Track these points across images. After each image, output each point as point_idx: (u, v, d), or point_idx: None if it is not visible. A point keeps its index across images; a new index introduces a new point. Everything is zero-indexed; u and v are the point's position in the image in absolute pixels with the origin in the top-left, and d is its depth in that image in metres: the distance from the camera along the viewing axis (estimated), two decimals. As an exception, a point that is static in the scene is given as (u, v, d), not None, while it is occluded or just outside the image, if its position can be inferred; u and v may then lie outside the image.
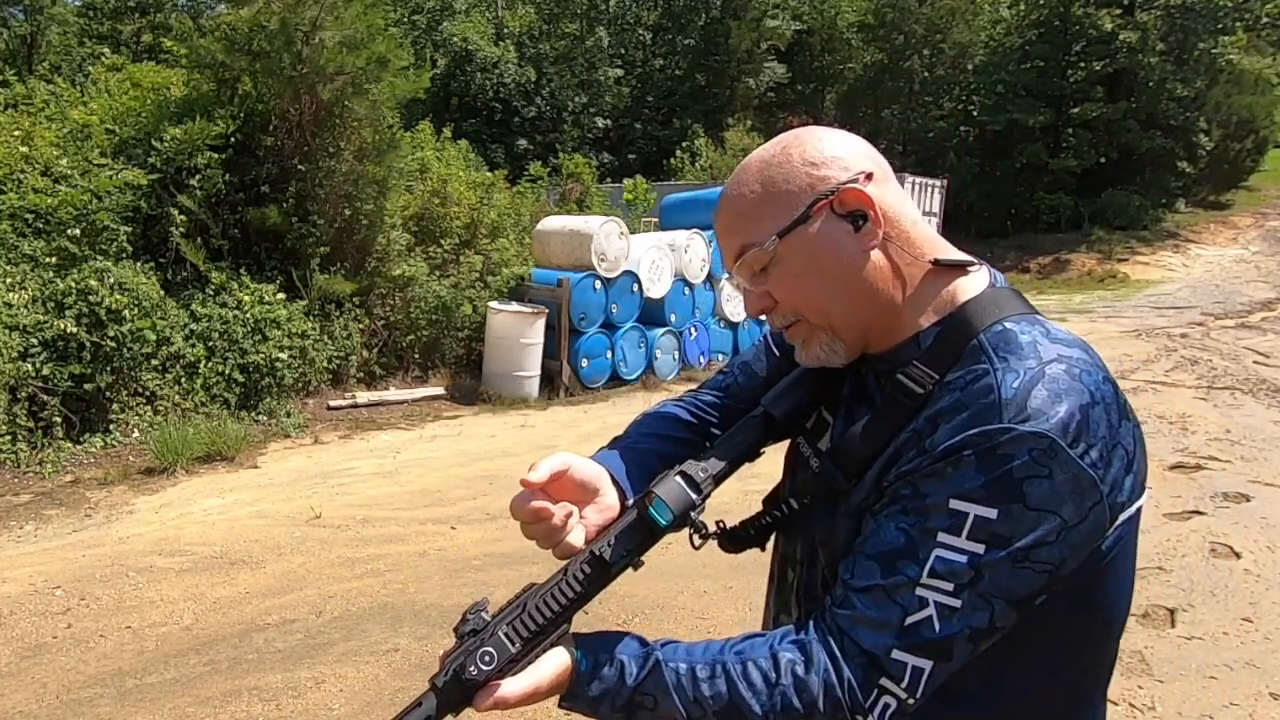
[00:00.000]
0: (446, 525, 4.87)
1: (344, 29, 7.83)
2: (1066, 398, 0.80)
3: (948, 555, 0.79)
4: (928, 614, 0.79)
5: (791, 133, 0.97)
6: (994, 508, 0.78)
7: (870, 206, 0.90)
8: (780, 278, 0.93)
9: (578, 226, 8.89)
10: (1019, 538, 0.78)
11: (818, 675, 0.81)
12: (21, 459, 5.77)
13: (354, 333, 8.10)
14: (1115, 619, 0.92)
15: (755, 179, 0.93)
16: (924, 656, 0.80)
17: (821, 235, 0.90)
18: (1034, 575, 0.79)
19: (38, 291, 6.18)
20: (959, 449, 0.80)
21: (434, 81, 20.68)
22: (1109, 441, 0.81)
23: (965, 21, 26.06)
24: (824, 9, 30.01)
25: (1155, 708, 2.99)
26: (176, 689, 3.15)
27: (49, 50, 24.99)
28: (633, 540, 0.92)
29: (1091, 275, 19.29)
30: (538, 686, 0.85)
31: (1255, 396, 7.80)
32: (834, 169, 0.91)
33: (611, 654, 0.88)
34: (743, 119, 24.20)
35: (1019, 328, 0.87)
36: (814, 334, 0.94)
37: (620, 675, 0.86)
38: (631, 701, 0.85)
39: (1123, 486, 0.83)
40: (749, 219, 0.93)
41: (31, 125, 7.36)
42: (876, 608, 0.81)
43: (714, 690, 0.83)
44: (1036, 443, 0.78)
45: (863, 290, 0.91)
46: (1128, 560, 0.90)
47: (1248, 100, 24.29)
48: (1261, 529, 4.62)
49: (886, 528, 0.84)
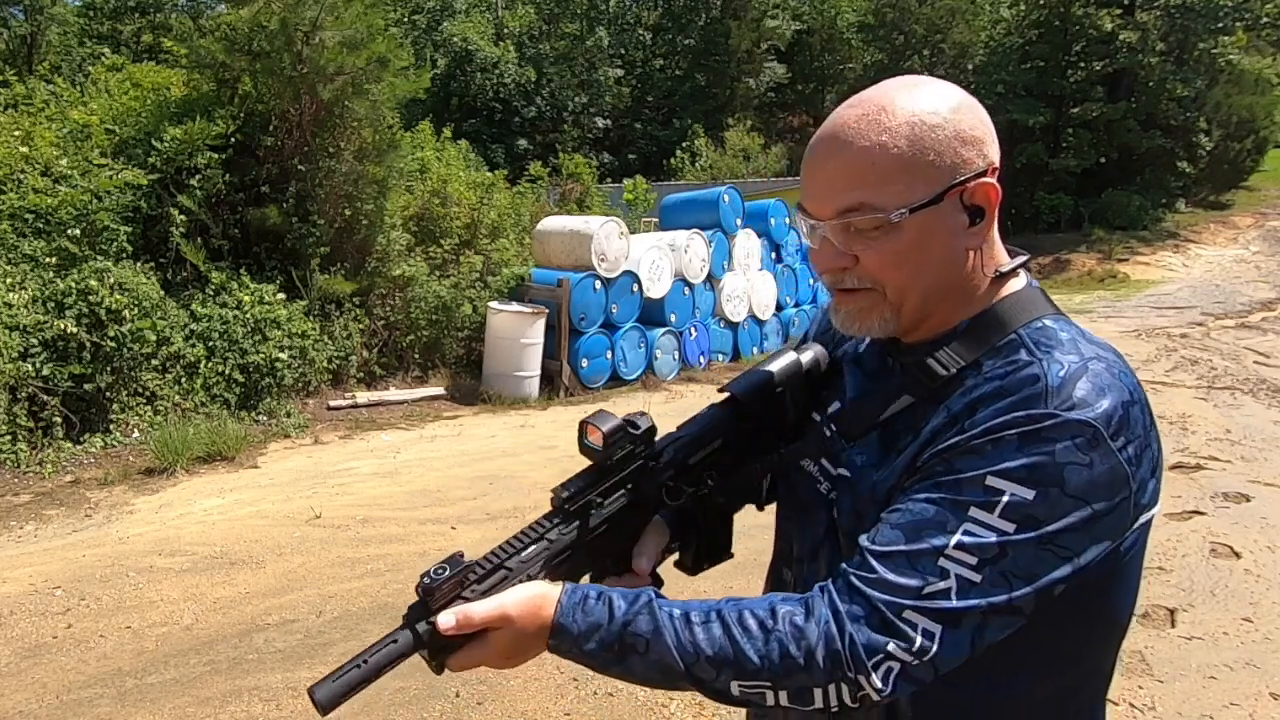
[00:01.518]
0: (446, 525, 4.87)
1: (344, 29, 7.83)
2: (1110, 392, 0.80)
3: (977, 530, 0.78)
4: (948, 585, 0.77)
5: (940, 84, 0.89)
6: (1032, 489, 0.77)
7: (993, 207, 0.88)
8: (884, 249, 0.86)
9: (578, 226, 8.89)
10: (1050, 522, 0.77)
11: (817, 625, 0.78)
12: (21, 459, 5.77)
13: (354, 333, 8.10)
14: (1119, 624, 0.92)
15: (904, 135, 0.84)
16: (936, 621, 0.77)
17: (944, 222, 0.86)
18: (1055, 560, 0.78)
19: (38, 291, 6.18)
20: (1002, 428, 0.80)
21: (434, 81, 20.69)
22: (1143, 442, 0.81)
23: (965, 21, 26.07)
24: (824, 9, 30.04)
25: (1155, 708, 2.98)
26: (176, 689, 3.15)
27: (49, 50, 25.00)
28: (581, 477, 0.97)
29: (1091, 275, 19.29)
30: (503, 608, 0.84)
31: (1255, 396, 7.80)
32: (977, 152, 0.87)
33: (600, 590, 0.86)
34: (743, 119, 24.21)
35: (1059, 325, 0.88)
36: (879, 307, 0.91)
37: (609, 610, 0.83)
38: (621, 641, 0.82)
39: (1147, 488, 0.83)
40: (882, 178, 0.84)
41: (31, 125, 7.36)
42: (896, 571, 0.79)
43: (708, 634, 0.81)
44: (1081, 430, 0.78)
45: (950, 285, 0.90)
46: (1137, 567, 0.90)
47: (1248, 100, 24.30)
48: (1261, 529, 4.62)
49: (915, 499, 0.82)
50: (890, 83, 0.89)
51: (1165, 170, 24.25)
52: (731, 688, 0.80)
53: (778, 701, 0.79)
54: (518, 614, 0.84)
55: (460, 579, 0.87)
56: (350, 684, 0.83)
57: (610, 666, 0.84)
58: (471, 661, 0.86)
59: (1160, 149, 23.52)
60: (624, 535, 1.01)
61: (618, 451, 0.97)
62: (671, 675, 0.81)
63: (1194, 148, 24.01)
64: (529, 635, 0.85)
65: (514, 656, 0.87)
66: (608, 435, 0.96)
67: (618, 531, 1.00)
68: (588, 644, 0.83)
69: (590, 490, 0.97)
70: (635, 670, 0.83)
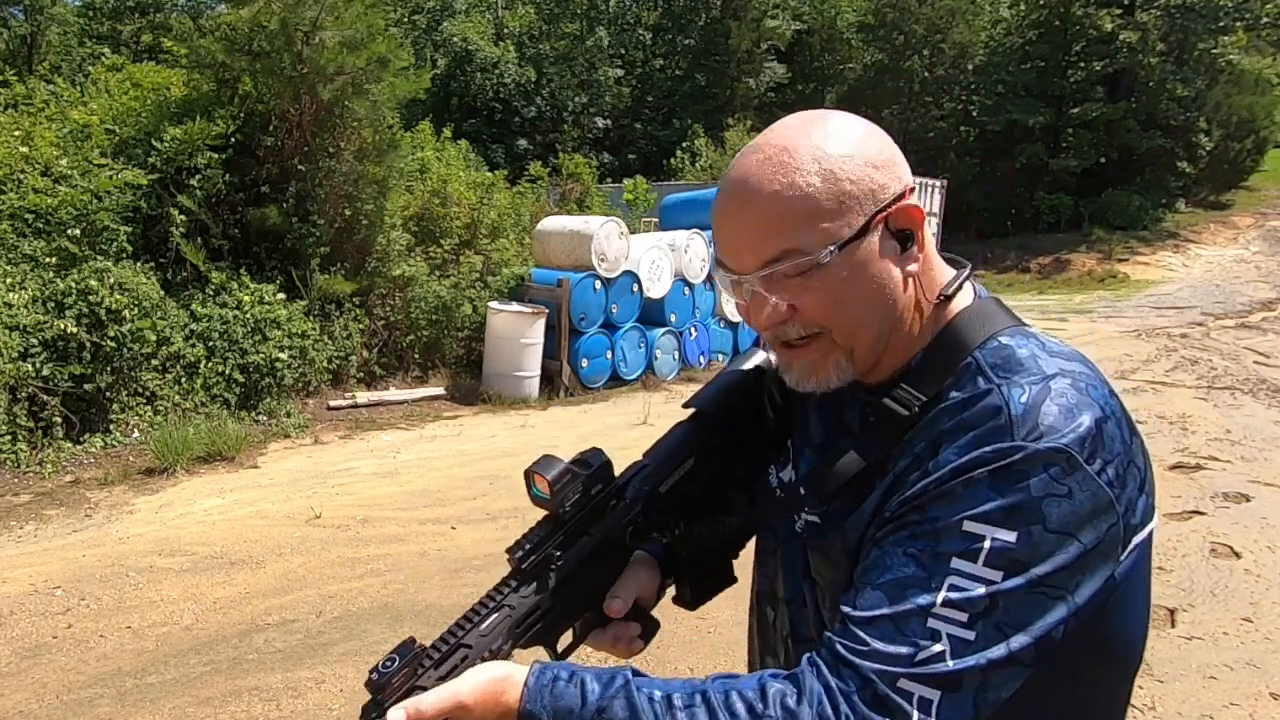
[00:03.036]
0: (446, 525, 4.87)
1: (344, 29, 7.84)
2: (1079, 412, 0.75)
3: (962, 584, 0.72)
4: (940, 648, 0.72)
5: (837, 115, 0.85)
6: (1013, 531, 0.72)
7: (920, 228, 0.84)
8: (819, 291, 0.81)
9: (578, 227, 8.89)
10: (1037, 564, 0.72)
11: (811, 708, 0.71)
12: (21, 459, 5.77)
13: (354, 333, 8.10)
14: (1129, 656, 0.86)
15: (814, 172, 0.80)
16: (933, 687, 0.71)
17: (874, 252, 0.82)
18: (1049, 602, 0.73)
19: (38, 291, 6.18)
20: (970, 467, 0.75)
21: (434, 81, 20.70)
22: (1124, 459, 0.77)
23: (965, 21, 26.04)
24: (824, 9, 30.02)
25: (1155, 708, 2.98)
26: (176, 689, 3.15)
27: (49, 50, 24.98)
28: (535, 531, 0.91)
29: (1091, 275, 19.28)
30: (456, 695, 0.77)
31: (1255, 396, 7.80)
32: (891, 176, 0.83)
33: (571, 671, 0.78)
34: (743, 119, 24.17)
35: (1015, 342, 0.83)
36: (831, 354, 0.85)
37: (582, 694, 0.76)
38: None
39: (1136, 508, 0.78)
40: (801, 220, 0.79)
41: (31, 125, 7.36)
42: (884, 640, 0.73)
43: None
44: (1054, 459, 0.73)
45: (891, 317, 0.84)
46: (1139, 591, 0.84)
47: (1248, 100, 24.30)
48: (1261, 529, 4.62)
49: (893, 554, 0.77)
50: (788, 120, 0.85)
51: (1165, 170, 24.23)
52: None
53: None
54: (474, 700, 0.77)
55: (413, 667, 0.79)
56: None
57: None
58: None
59: (1160, 149, 23.51)
60: (600, 583, 0.94)
61: (569, 497, 0.90)
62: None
63: (1194, 148, 24.00)
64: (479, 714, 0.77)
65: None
66: (553, 482, 0.89)
67: (592, 581, 0.93)
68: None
69: (546, 544, 0.90)
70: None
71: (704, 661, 3.26)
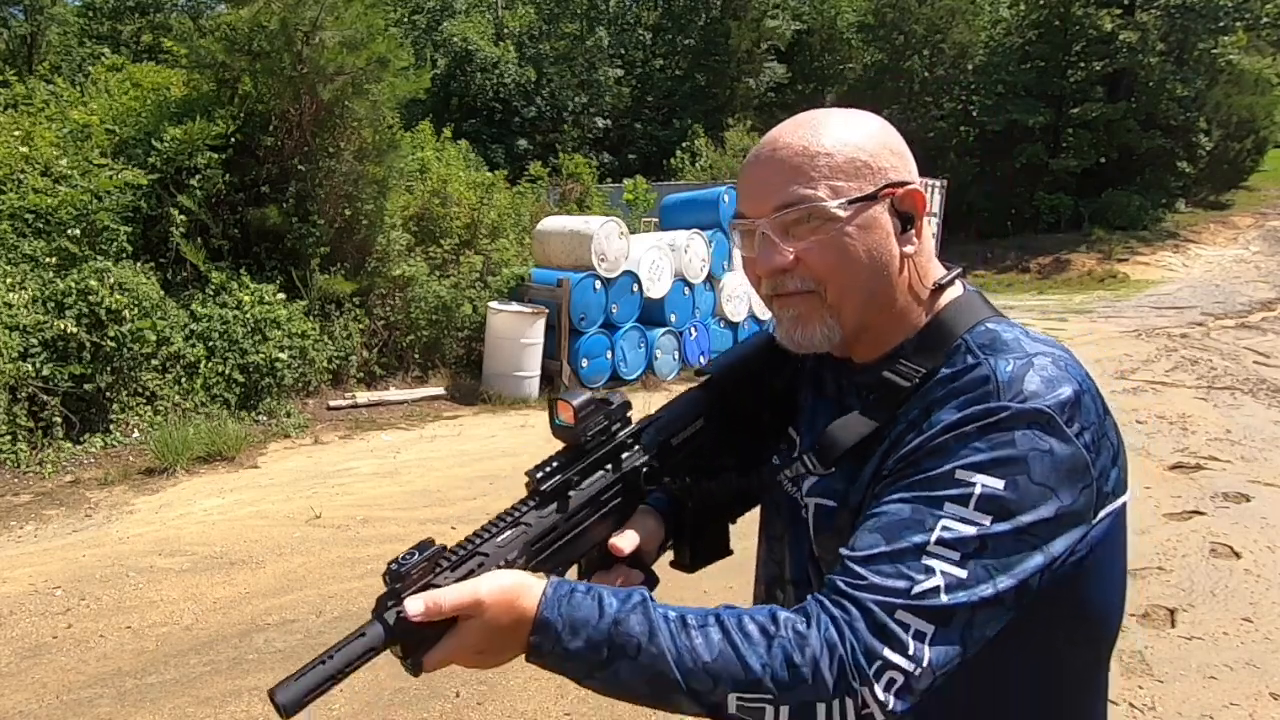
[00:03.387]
0: (446, 525, 4.87)
1: (344, 29, 7.83)
2: (1059, 384, 0.82)
3: (955, 526, 0.77)
4: (935, 583, 0.76)
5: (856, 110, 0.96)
6: (1000, 479, 0.78)
7: (922, 215, 0.92)
8: (825, 245, 0.88)
9: (578, 227, 8.89)
10: (1022, 512, 0.78)
11: (819, 631, 0.75)
12: (21, 459, 5.77)
13: (354, 333, 8.10)
14: (1105, 621, 0.91)
15: (838, 139, 0.89)
16: (928, 621, 0.75)
17: (880, 222, 0.90)
18: (1030, 550, 0.78)
19: (38, 291, 6.17)
20: (960, 424, 0.81)
21: (434, 81, 20.70)
22: (1098, 429, 0.83)
23: (965, 21, 26.05)
24: (824, 9, 30.03)
25: (1155, 708, 2.99)
26: (176, 689, 3.15)
27: (49, 50, 24.99)
28: (556, 457, 0.94)
29: (1091, 275, 19.29)
30: (475, 592, 0.77)
31: (1255, 396, 7.80)
32: (904, 164, 0.92)
33: (589, 587, 0.80)
34: (743, 119, 24.18)
35: (1000, 328, 0.90)
36: (819, 313, 0.91)
37: (599, 606, 0.77)
38: (611, 641, 0.75)
39: (1109, 477, 0.85)
40: (820, 174, 0.88)
41: (31, 125, 7.36)
42: (882, 575, 0.77)
43: (706, 639, 0.75)
44: (1037, 418, 0.80)
45: (883, 290, 0.92)
46: (1113, 563, 0.90)
47: (1248, 100, 24.30)
48: (1261, 529, 4.62)
49: (888, 502, 0.82)
50: (818, 110, 0.96)
51: (1165, 170, 24.24)
52: (729, 702, 0.74)
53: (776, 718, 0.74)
54: (492, 601, 0.77)
55: (431, 564, 0.80)
56: (314, 683, 0.75)
57: (594, 673, 0.77)
58: (445, 657, 0.80)
59: (1160, 149, 23.52)
60: (609, 523, 0.97)
61: (591, 427, 0.93)
62: (662, 686, 0.75)
63: (1194, 148, 24.00)
64: (504, 628, 0.78)
65: (488, 652, 0.80)
66: (579, 410, 0.92)
67: (601, 518, 0.95)
68: (573, 641, 0.76)
69: (566, 470, 0.92)
70: (622, 678, 0.76)
71: (704, 661, 3.26)
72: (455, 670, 3.33)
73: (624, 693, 0.77)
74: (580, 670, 0.77)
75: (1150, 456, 5.90)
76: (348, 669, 0.77)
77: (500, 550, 0.85)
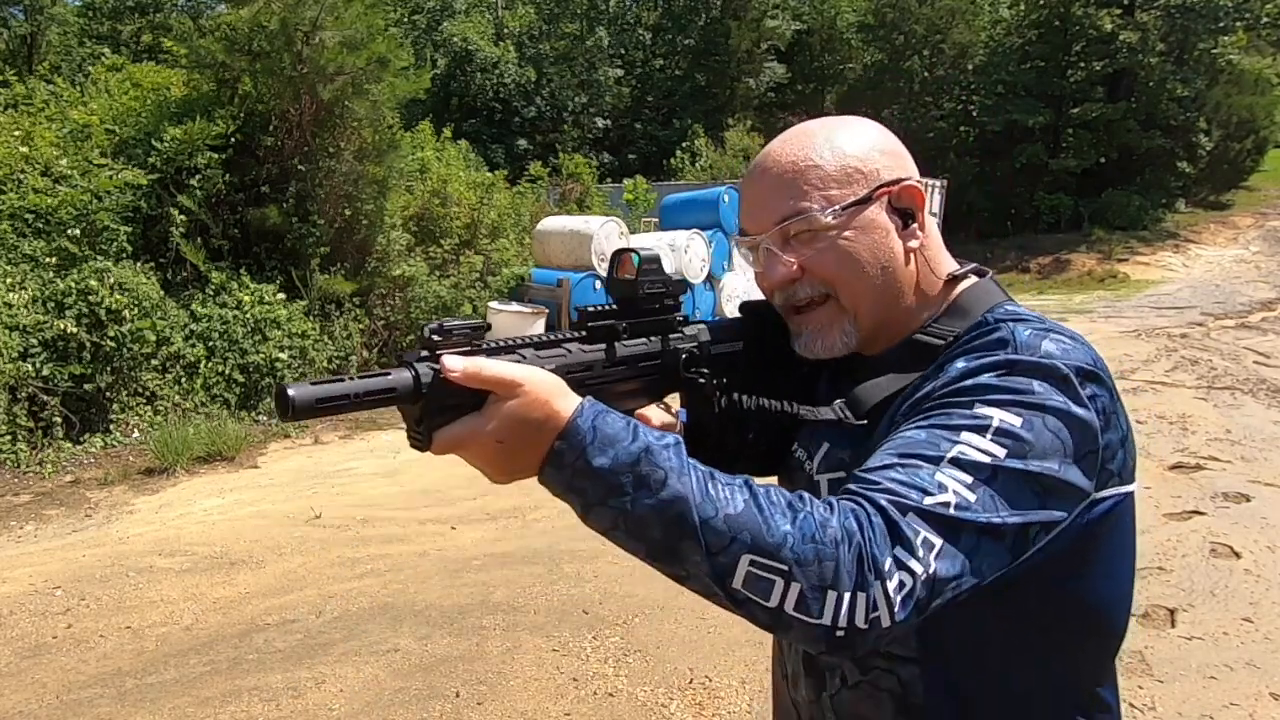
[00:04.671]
0: (446, 525, 4.87)
1: (344, 29, 7.84)
2: (1075, 354, 0.83)
3: (969, 452, 0.77)
4: (946, 498, 0.74)
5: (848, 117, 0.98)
6: (1018, 416, 0.78)
7: (921, 209, 0.94)
8: (825, 251, 0.91)
9: (578, 226, 8.90)
10: (1035, 456, 0.77)
11: (839, 519, 0.72)
12: (21, 459, 5.77)
13: (354, 333, 8.11)
14: (1108, 620, 0.91)
15: (824, 146, 0.92)
16: (936, 531, 0.73)
17: (877, 221, 0.92)
18: (1034, 498, 0.77)
19: (38, 291, 6.18)
20: (979, 370, 0.83)
21: (434, 81, 20.69)
22: (1110, 406, 0.83)
23: (965, 21, 26.06)
24: (824, 9, 30.03)
25: (1155, 708, 2.99)
26: (176, 689, 3.15)
27: (49, 50, 24.99)
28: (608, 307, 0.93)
29: (1091, 275, 19.29)
30: (517, 375, 0.73)
31: (1255, 396, 7.79)
32: (898, 164, 0.95)
33: (626, 417, 0.76)
34: (743, 119, 24.20)
35: (1021, 310, 0.92)
36: (838, 319, 0.94)
37: (634, 431, 0.73)
38: (636, 466, 0.71)
39: (1116, 455, 0.84)
40: (810, 184, 0.91)
41: (31, 125, 7.36)
42: (894, 481, 0.75)
43: (732, 495, 0.72)
44: (1053, 372, 0.81)
45: (893, 286, 0.93)
46: (1119, 556, 0.89)
47: (1248, 100, 24.30)
48: (1261, 529, 4.61)
49: (905, 431, 0.81)
50: (813, 120, 0.98)
51: (1165, 170, 24.24)
52: (739, 565, 0.70)
53: (782, 601, 0.70)
54: (530, 387, 0.73)
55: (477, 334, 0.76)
56: (327, 394, 0.70)
57: (610, 499, 0.71)
58: (461, 436, 0.75)
59: (1160, 149, 23.52)
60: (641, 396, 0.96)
61: (649, 286, 0.94)
62: (677, 531, 0.71)
63: (1194, 148, 24.00)
64: (532, 422, 0.73)
65: (506, 445, 0.74)
66: (643, 263, 0.93)
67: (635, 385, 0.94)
68: (599, 457, 0.72)
69: (617, 317, 0.92)
70: (637, 511, 0.71)
71: (704, 661, 3.26)
72: (455, 670, 3.32)
73: (634, 530, 0.72)
74: (596, 494, 0.72)
75: (1150, 456, 5.90)
76: (365, 397, 0.71)
77: (539, 359, 0.82)
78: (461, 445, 0.75)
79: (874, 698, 0.92)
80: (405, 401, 0.74)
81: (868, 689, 0.93)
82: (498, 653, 3.36)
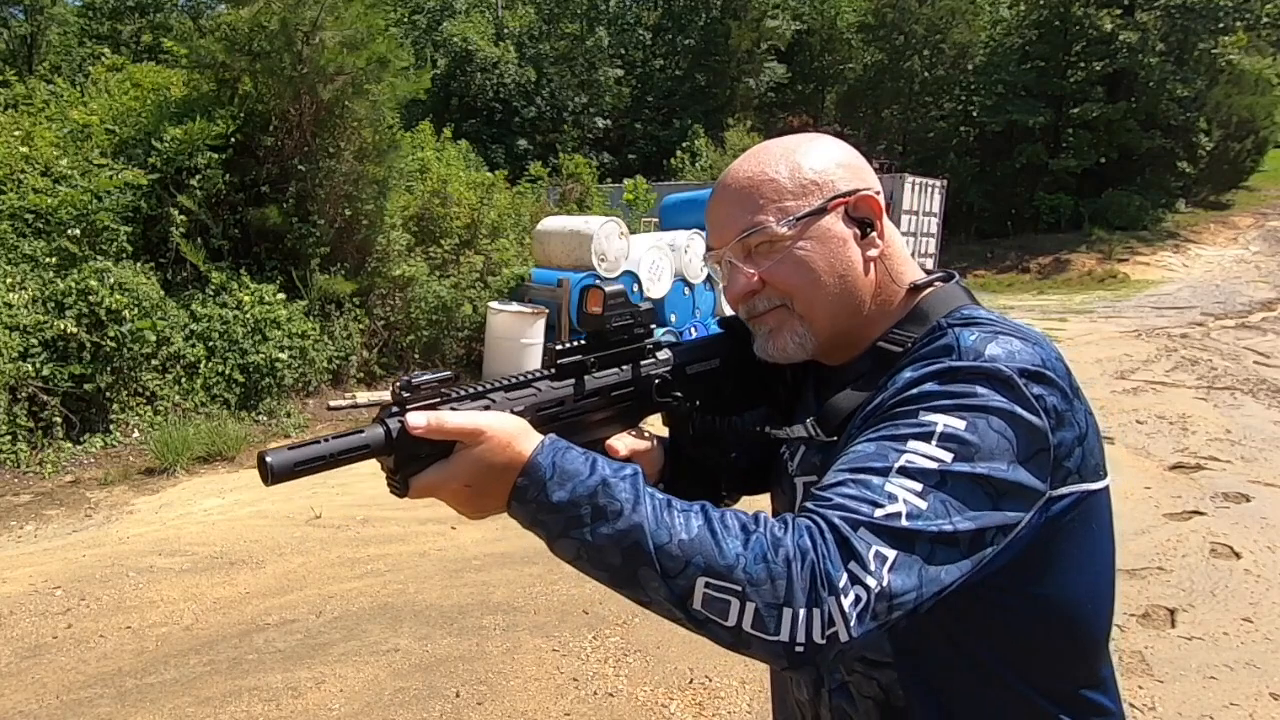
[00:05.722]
0: (446, 525, 4.87)
1: (344, 29, 7.83)
2: (1021, 356, 0.84)
3: (916, 459, 0.78)
4: (897, 508, 0.76)
5: (810, 134, 1.01)
6: (962, 420, 0.80)
7: (879, 218, 0.96)
8: (782, 262, 0.94)
9: (578, 226, 8.90)
10: (982, 459, 0.78)
11: (793, 537, 0.74)
12: (21, 459, 5.77)
13: (354, 333, 8.10)
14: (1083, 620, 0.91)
15: (780, 161, 0.95)
16: (889, 544, 0.74)
17: (834, 232, 0.94)
18: (986, 500, 0.78)
19: (38, 291, 6.17)
20: (923, 379, 0.84)
21: (434, 82, 20.68)
22: (1059, 407, 0.84)
23: (965, 22, 26.07)
24: (824, 9, 30.03)
25: (1155, 708, 2.99)
26: (176, 689, 3.15)
27: (49, 50, 25.01)
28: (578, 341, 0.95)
29: (1091, 275, 19.30)
30: (477, 423, 0.79)
31: (1255, 396, 7.79)
32: (855, 175, 0.97)
33: (586, 452, 0.81)
34: (743, 119, 24.22)
35: (979, 313, 0.94)
36: (789, 324, 0.96)
37: (591, 466, 0.78)
38: (594, 499, 0.76)
39: (1073, 453, 0.85)
40: (766, 198, 0.94)
41: (31, 125, 7.35)
42: (845, 496, 0.77)
43: (687, 521, 0.75)
44: (996, 375, 0.82)
45: (851, 295, 0.95)
46: (1089, 555, 0.90)
47: (1248, 100, 24.30)
48: (1261, 529, 4.62)
49: (858, 445, 0.83)
50: (770, 140, 1.02)
51: (1165, 170, 24.25)
52: (695, 588, 0.73)
53: (740, 619, 0.72)
54: (492, 434, 0.78)
55: (441, 390, 0.81)
56: (305, 457, 0.75)
57: (571, 531, 0.76)
58: (433, 482, 0.80)
59: (1160, 149, 23.53)
60: (615, 424, 0.98)
61: (617, 319, 0.96)
62: (633, 558, 0.74)
63: (1194, 148, 24.00)
64: (496, 467, 0.78)
65: (475, 488, 0.80)
66: (609, 298, 0.95)
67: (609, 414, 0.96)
68: (558, 492, 0.76)
69: (586, 352, 0.94)
70: (596, 541, 0.75)
71: (704, 661, 3.26)
72: (455, 670, 3.32)
73: (595, 559, 0.76)
74: (557, 526, 0.77)
75: (1150, 456, 5.90)
76: (340, 456, 0.77)
77: (509, 402, 0.86)
78: (434, 490, 0.81)
79: (859, 702, 0.95)
80: (380, 454, 0.79)
81: (853, 692, 0.96)
82: (498, 653, 3.37)
